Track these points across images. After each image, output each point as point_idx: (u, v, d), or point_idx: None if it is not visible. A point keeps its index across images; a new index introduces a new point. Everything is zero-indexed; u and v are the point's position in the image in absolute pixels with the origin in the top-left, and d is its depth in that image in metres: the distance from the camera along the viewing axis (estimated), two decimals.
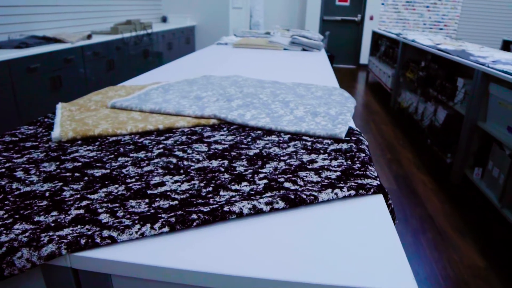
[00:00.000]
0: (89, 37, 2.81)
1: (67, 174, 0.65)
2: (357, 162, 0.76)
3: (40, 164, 0.69)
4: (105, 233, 0.48)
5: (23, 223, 0.51)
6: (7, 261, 0.46)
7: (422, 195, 2.37)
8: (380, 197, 0.65)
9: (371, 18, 6.74)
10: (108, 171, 0.67)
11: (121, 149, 0.77)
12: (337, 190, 0.63)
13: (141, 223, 0.50)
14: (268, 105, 1.09)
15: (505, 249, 1.86)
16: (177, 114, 0.98)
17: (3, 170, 0.67)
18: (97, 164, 0.70)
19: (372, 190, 0.65)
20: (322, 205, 0.61)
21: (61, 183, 0.62)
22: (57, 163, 0.70)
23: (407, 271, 0.47)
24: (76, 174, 0.65)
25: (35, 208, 0.55)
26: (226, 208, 0.54)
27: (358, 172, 0.71)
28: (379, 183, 0.68)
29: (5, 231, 0.49)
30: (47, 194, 0.59)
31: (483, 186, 2.22)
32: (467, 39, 5.87)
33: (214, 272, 0.45)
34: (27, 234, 0.48)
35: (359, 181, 0.67)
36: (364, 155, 0.80)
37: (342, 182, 0.67)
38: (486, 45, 3.64)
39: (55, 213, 0.53)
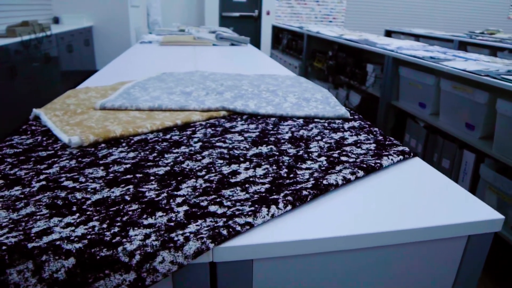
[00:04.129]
0: None
1: (127, 176, 0.60)
2: (378, 134, 0.84)
3: (83, 171, 0.62)
4: (240, 220, 0.47)
5: (135, 228, 0.46)
6: (146, 269, 0.42)
7: None
8: (417, 159, 0.74)
9: (268, 13, 7.06)
10: (168, 168, 0.63)
11: (157, 147, 0.72)
12: (391, 157, 0.69)
13: (264, 206, 0.50)
14: (258, 95, 1.11)
15: None
16: (181, 109, 0.95)
17: (43, 182, 0.58)
18: (148, 164, 0.65)
19: (411, 154, 0.74)
20: (379, 173, 0.67)
21: (130, 186, 0.57)
22: (101, 168, 0.63)
23: (485, 205, 0.56)
24: (138, 175, 0.60)
25: (130, 212, 0.50)
26: (325, 182, 0.57)
27: (387, 142, 0.79)
28: (408, 149, 0.77)
29: (124, 240, 0.44)
30: (127, 198, 0.53)
31: None
32: (355, 30, 6.55)
33: (350, 234, 0.48)
34: (152, 237, 0.44)
35: (396, 149, 0.75)
36: (377, 129, 0.88)
37: (384, 151, 0.74)
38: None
39: (160, 213, 0.49)
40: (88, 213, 0.50)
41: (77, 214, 0.49)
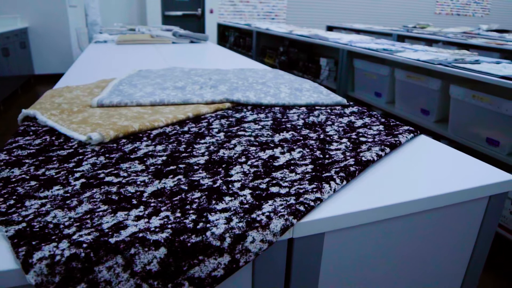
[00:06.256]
0: None
1: (171, 167, 0.59)
2: (380, 117, 0.90)
3: (118, 166, 0.59)
4: (310, 196, 0.49)
5: (212, 214, 0.46)
6: (239, 250, 0.43)
7: None
8: (423, 136, 0.81)
9: (211, 12, 7.02)
10: (206, 157, 0.63)
11: (181, 139, 0.71)
12: (405, 135, 0.75)
13: (323, 183, 0.52)
14: (251, 86, 1.12)
15: None
16: (184, 103, 0.93)
17: (83, 180, 0.55)
18: (183, 155, 0.64)
19: (418, 132, 0.80)
20: (396, 150, 0.72)
21: (180, 176, 0.56)
22: (136, 162, 0.61)
23: (498, 169, 0.63)
24: (181, 165, 0.59)
25: (196, 200, 0.49)
26: (364, 158, 0.61)
27: (391, 123, 0.85)
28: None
29: (208, 225, 0.44)
30: (183, 187, 0.53)
31: None
32: (298, 26, 6.75)
33: (405, 200, 0.53)
34: (235, 220, 0.45)
35: (403, 128, 0.81)
36: (375, 112, 0.94)
37: (394, 130, 0.79)
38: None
39: (228, 198, 0.50)
40: (152, 204, 0.49)
41: (142, 207, 0.48)
